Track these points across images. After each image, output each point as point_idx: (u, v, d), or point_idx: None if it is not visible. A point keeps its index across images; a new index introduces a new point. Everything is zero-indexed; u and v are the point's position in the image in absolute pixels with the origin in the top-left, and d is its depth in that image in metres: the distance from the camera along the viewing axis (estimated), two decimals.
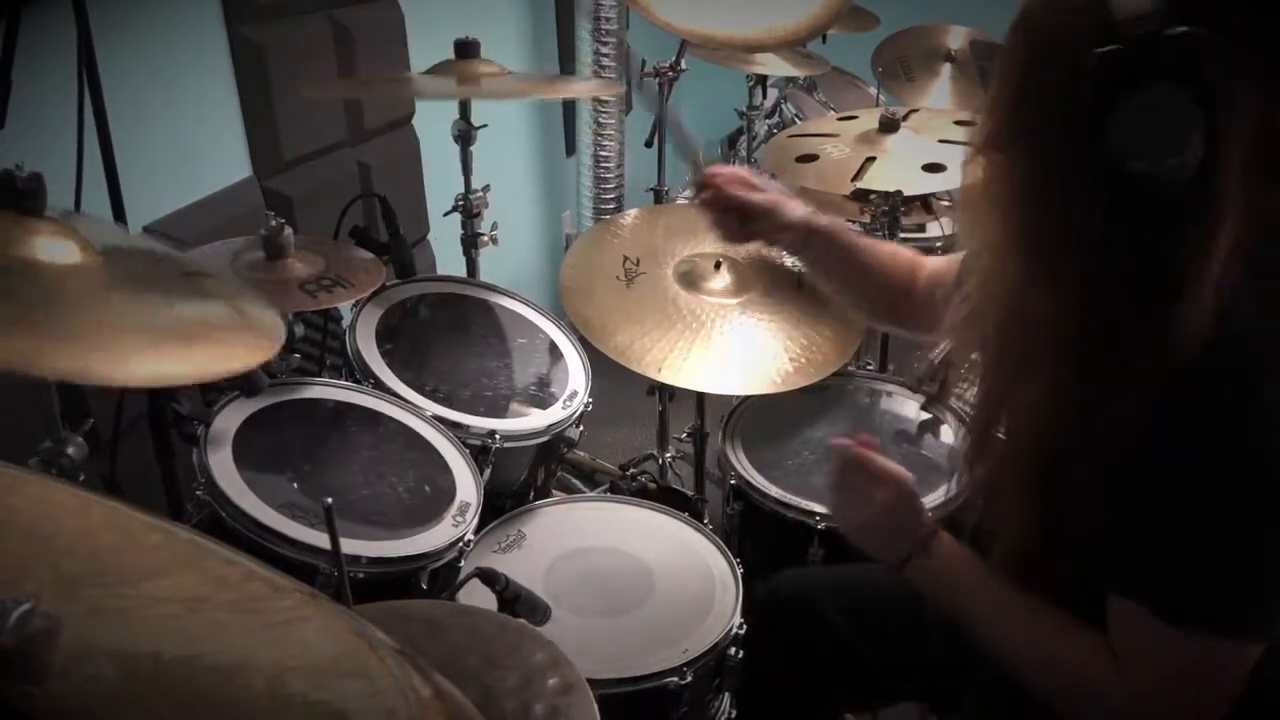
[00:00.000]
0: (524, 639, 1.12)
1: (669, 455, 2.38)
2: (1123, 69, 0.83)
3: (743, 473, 1.73)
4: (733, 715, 1.47)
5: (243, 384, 1.38)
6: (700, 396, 2.13)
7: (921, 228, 2.70)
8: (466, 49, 1.81)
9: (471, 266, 2.04)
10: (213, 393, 1.47)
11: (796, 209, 1.42)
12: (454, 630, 1.12)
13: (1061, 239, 0.91)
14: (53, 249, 0.96)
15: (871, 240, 1.46)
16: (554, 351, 1.86)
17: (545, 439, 1.69)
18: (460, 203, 1.97)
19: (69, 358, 0.83)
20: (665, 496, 2.07)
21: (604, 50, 3.19)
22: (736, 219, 1.43)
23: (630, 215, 2.03)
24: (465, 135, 1.92)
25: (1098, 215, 0.88)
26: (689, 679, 1.32)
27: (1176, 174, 0.84)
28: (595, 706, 1.04)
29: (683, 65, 2.22)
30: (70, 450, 1.08)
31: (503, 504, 1.64)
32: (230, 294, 1.10)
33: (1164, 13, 0.82)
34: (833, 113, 3.12)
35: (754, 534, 1.74)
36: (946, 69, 2.95)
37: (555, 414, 1.72)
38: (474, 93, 1.87)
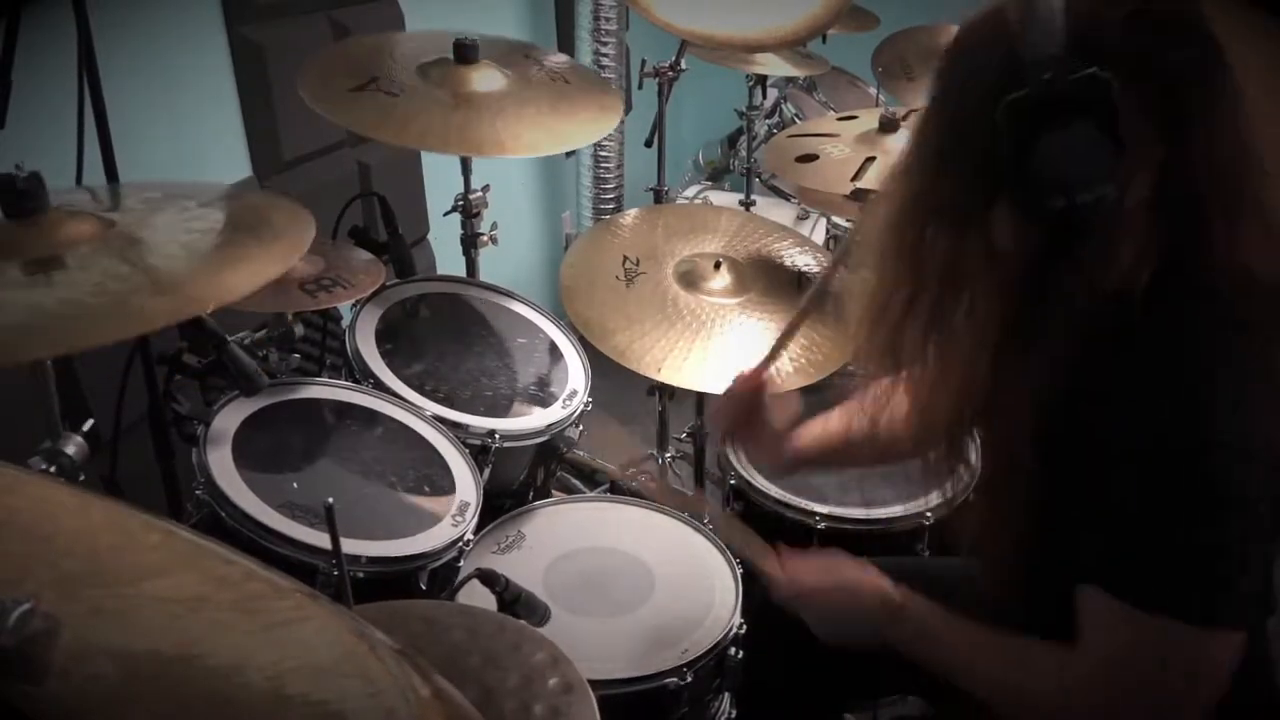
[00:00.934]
0: (524, 639, 1.13)
1: (669, 455, 2.38)
2: (1032, 112, 0.87)
3: (743, 473, 1.73)
4: (733, 715, 1.47)
5: (242, 384, 1.37)
6: (700, 396, 2.13)
7: None
8: (466, 50, 1.81)
9: (471, 266, 2.04)
10: (212, 392, 1.47)
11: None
12: (454, 630, 1.12)
13: (979, 260, 0.96)
14: (74, 232, 1.01)
15: (839, 428, 1.37)
16: (554, 351, 1.86)
17: (545, 439, 1.69)
18: (460, 202, 1.97)
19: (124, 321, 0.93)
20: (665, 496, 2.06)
21: (604, 50, 3.19)
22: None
23: (630, 215, 2.03)
24: None
25: (1013, 242, 0.93)
26: (689, 679, 1.32)
27: (1090, 208, 0.88)
28: (595, 706, 1.04)
29: (683, 65, 2.22)
30: (70, 450, 1.08)
31: (502, 503, 1.64)
32: (250, 207, 1.15)
33: (1068, 55, 0.86)
34: (833, 113, 3.12)
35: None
36: None
37: (555, 414, 1.72)
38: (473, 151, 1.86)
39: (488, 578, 1.25)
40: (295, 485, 1.39)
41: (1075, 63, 0.86)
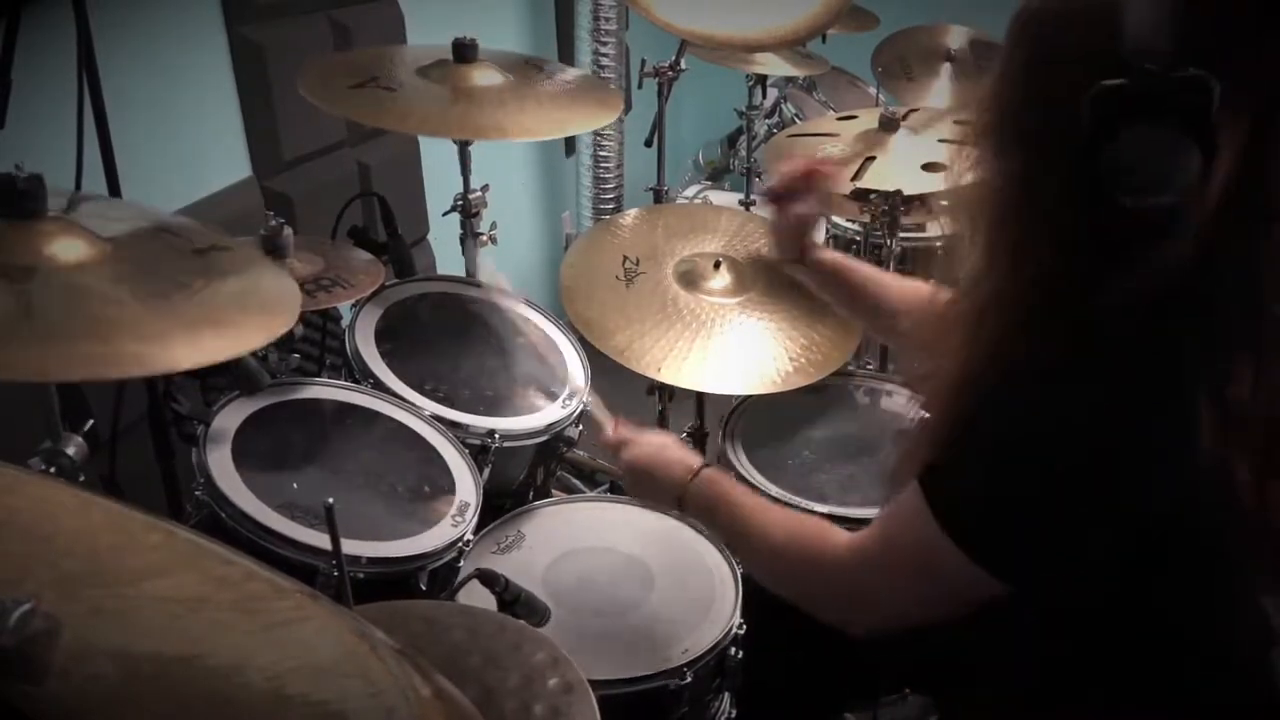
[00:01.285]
0: (524, 639, 1.13)
1: None
2: (1126, 104, 0.83)
3: (743, 473, 1.73)
4: (733, 715, 1.47)
5: (242, 384, 1.37)
6: (700, 396, 2.13)
7: (921, 227, 2.70)
8: (464, 50, 1.81)
9: (471, 266, 2.04)
10: (212, 393, 1.47)
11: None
12: (454, 630, 1.12)
13: (1027, 239, 0.94)
14: (61, 248, 0.97)
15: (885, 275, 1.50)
16: (554, 351, 1.86)
17: (545, 439, 1.69)
18: (459, 202, 1.97)
19: (73, 359, 0.87)
20: None
21: (603, 50, 3.19)
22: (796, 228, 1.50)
23: (630, 215, 2.03)
24: None
25: (1066, 228, 0.91)
26: (689, 679, 1.32)
27: (1156, 214, 0.85)
28: (596, 706, 1.04)
29: (683, 65, 2.22)
30: (70, 450, 1.08)
31: (502, 504, 1.64)
32: (244, 265, 1.12)
33: (1174, 50, 0.81)
34: (832, 112, 3.12)
35: None
36: (946, 69, 2.95)
37: (555, 414, 1.72)
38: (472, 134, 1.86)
39: (487, 578, 1.25)
40: (295, 486, 1.39)
41: (1182, 59, 0.81)
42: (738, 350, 1.75)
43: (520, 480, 1.75)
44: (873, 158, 1.92)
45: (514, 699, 1.03)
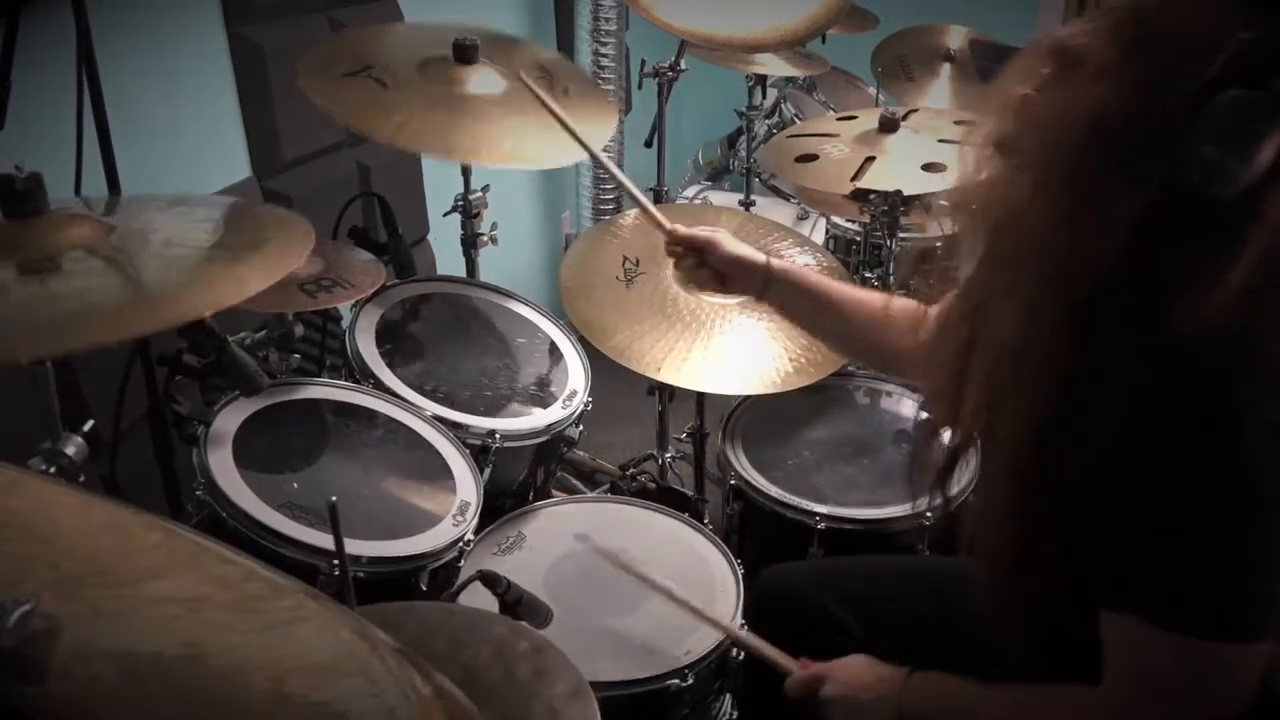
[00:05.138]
0: (479, 619, 1.15)
1: (669, 455, 2.38)
2: (1257, 60, 0.80)
3: (743, 473, 1.73)
4: (734, 717, 1.47)
5: (242, 384, 1.37)
6: (700, 396, 2.13)
7: (921, 227, 2.70)
8: (464, 51, 1.80)
9: (471, 266, 2.04)
10: (212, 393, 1.47)
11: (756, 255, 1.43)
12: (408, 627, 1.13)
13: (1094, 201, 0.88)
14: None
15: (836, 282, 1.43)
16: (554, 351, 1.86)
17: (545, 439, 1.69)
18: (460, 203, 1.97)
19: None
20: (665, 496, 2.07)
21: (603, 50, 3.19)
22: (699, 263, 1.43)
23: (630, 215, 2.03)
24: None
25: (1140, 187, 0.85)
26: (690, 681, 1.32)
27: (1230, 179, 0.82)
28: (570, 662, 1.07)
29: (682, 65, 2.22)
30: (70, 450, 1.08)
31: (502, 504, 1.64)
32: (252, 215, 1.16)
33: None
34: (832, 113, 3.12)
35: (754, 534, 1.74)
36: (946, 69, 2.95)
37: (555, 414, 1.72)
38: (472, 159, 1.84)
39: (489, 580, 1.25)
40: (296, 485, 1.39)
41: None
42: (738, 350, 1.74)
43: (520, 480, 1.75)
44: (872, 158, 1.92)
45: (495, 669, 1.06)
